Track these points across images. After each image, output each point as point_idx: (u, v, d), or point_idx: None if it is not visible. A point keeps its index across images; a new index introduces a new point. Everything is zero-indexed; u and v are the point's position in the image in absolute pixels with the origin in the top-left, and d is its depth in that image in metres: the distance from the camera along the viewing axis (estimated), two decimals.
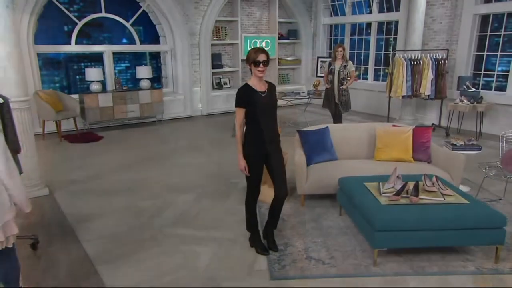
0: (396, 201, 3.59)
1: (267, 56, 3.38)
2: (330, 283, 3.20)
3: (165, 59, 10.44)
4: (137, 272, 3.40)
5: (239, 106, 3.50)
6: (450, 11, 8.66)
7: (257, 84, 3.47)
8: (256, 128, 3.52)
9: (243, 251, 3.74)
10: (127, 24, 9.64)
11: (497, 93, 8.32)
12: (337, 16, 11.54)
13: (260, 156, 3.58)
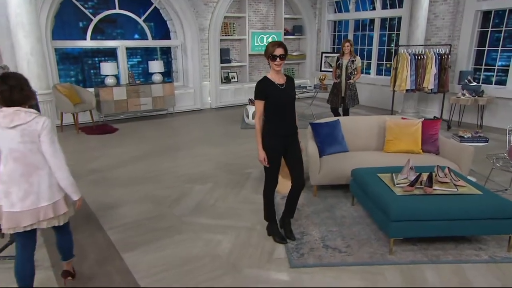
0: (410, 192, 3.52)
1: (284, 50, 3.28)
2: (348, 272, 3.15)
3: (175, 54, 10.30)
4: (161, 259, 3.35)
5: (258, 98, 3.41)
6: (452, 8, 8.50)
7: (275, 77, 3.38)
8: (274, 120, 3.44)
9: (261, 239, 3.68)
10: (140, 20, 9.51)
11: (498, 87, 8.19)
12: (341, 13, 11.37)
13: (278, 147, 3.50)
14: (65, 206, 2.71)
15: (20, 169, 2.49)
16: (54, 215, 2.63)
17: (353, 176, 4.20)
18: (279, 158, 3.56)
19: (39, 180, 2.54)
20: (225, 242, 3.63)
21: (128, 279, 3.08)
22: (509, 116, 7.85)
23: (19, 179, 2.49)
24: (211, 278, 3.08)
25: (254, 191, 4.80)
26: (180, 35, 9.92)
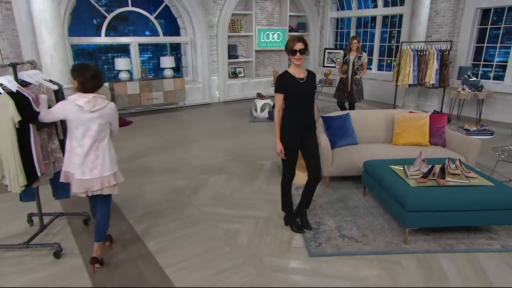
0: (423, 183, 3.44)
1: (304, 45, 3.18)
2: (365, 260, 3.08)
3: (185, 49, 10.16)
4: (184, 248, 3.29)
5: (278, 92, 3.33)
6: (453, 6, 8.34)
7: (296, 71, 3.28)
8: (293, 113, 3.35)
9: (278, 229, 3.61)
10: (151, 17, 9.35)
11: (496, 82, 8.07)
12: (344, 10, 11.19)
13: (296, 140, 3.41)
14: (121, 176, 3.06)
15: (91, 144, 2.83)
16: (115, 183, 2.98)
17: (366, 168, 4.12)
18: (296, 150, 3.46)
19: (103, 153, 2.88)
20: (244, 231, 3.56)
21: (154, 268, 3.02)
22: (507, 110, 7.77)
23: (90, 153, 2.83)
24: (233, 266, 3.02)
25: (268, 182, 4.73)
26: (190, 31, 9.77)
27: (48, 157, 3.21)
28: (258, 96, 8.42)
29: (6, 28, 7.08)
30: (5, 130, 2.79)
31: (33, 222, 3.71)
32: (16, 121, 2.74)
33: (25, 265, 3.06)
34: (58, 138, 3.30)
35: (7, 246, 3.24)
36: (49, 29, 4.30)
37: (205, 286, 2.79)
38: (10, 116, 2.73)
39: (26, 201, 3.40)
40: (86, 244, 3.35)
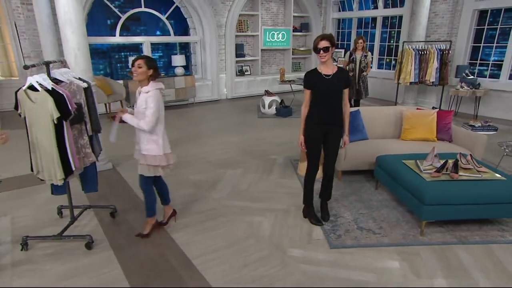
0: (437, 178, 3.38)
1: (329, 42, 3.07)
2: (385, 252, 3.02)
3: (194, 48, 10.03)
4: (209, 240, 3.22)
5: (305, 87, 3.29)
6: (452, 7, 8.23)
7: (323, 68, 3.20)
8: (317, 109, 3.28)
9: (297, 221, 3.55)
10: (163, 18, 9.21)
11: (492, 80, 8.00)
12: (345, 11, 11.05)
13: (319, 135, 3.33)
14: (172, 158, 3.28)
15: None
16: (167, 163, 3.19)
17: (379, 162, 4.05)
18: (319, 145, 3.39)
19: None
20: (265, 223, 3.49)
21: (182, 259, 2.95)
22: (502, 106, 7.71)
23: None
24: (260, 258, 2.95)
25: (282, 176, 4.66)
26: (199, 31, 9.64)
27: (78, 152, 3.13)
28: (266, 93, 8.32)
29: (27, 29, 6.97)
30: (44, 126, 2.72)
31: (62, 214, 3.64)
32: (55, 117, 2.66)
33: (59, 255, 3.00)
34: (87, 134, 3.22)
35: (41, 237, 3.16)
36: (73, 29, 4.18)
37: (233, 277, 2.73)
38: (49, 113, 2.65)
39: (58, 194, 3.33)
40: (115, 236, 3.29)
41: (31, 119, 2.80)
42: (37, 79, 2.69)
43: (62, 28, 4.20)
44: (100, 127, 3.40)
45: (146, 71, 2.92)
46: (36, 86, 2.67)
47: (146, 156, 3.06)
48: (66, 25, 4.18)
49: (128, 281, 2.69)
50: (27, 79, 2.76)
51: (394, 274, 2.73)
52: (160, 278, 2.73)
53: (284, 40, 10.75)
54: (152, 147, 3.06)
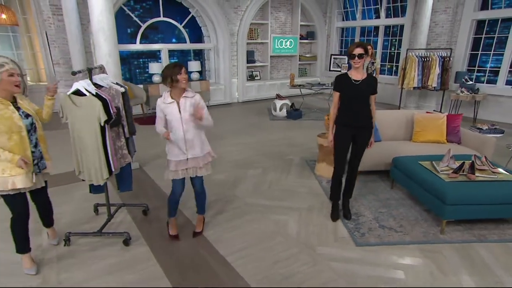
0: (455, 178, 3.30)
1: (363, 50, 3.03)
2: (408, 250, 2.94)
3: (208, 55, 9.95)
4: (239, 237, 3.14)
5: (335, 90, 3.25)
6: (451, 17, 8.13)
7: (354, 74, 3.15)
8: (345, 112, 3.24)
9: (321, 219, 3.47)
10: (180, 26, 9.14)
11: (489, 86, 7.90)
12: (349, 21, 10.96)
13: (346, 136, 3.29)
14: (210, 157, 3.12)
15: None
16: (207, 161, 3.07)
17: (395, 163, 3.97)
18: (346, 145, 3.33)
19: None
20: (291, 222, 3.42)
21: (216, 256, 2.87)
22: (499, 110, 7.62)
23: None
24: (290, 255, 2.87)
25: (301, 176, 4.58)
26: (213, 39, 9.56)
27: (116, 153, 3.06)
28: (277, 97, 8.24)
29: (57, 37, 6.91)
30: (89, 130, 2.66)
31: (98, 212, 3.57)
32: (103, 120, 2.60)
33: (98, 251, 2.93)
34: (125, 136, 3.15)
35: (83, 234, 3.10)
36: (105, 36, 4.12)
37: (267, 274, 2.66)
38: (97, 116, 2.59)
39: (96, 193, 3.26)
40: (149, 233, 3.23)
41: (75, 123, 2.73)
42: (82, 85, 2.63)
43: (95, 35, 4.14)
44: (135, 129, 3.34)
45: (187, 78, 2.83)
46: (83, 91, 2.61)
47: (206, 155, 3.00)
48: (99, 33, 4.11)
49: (167, 277, 2.62)
50: (73, 84, 2.69)
51: (420, 271, 2.65)
52: (198, 275, 2.66)
53: (291, 47, 10.67)
54: (206, 144, 3.02)
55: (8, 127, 2.32)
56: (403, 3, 9.33)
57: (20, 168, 2.39)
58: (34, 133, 2.54)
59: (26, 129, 2.44)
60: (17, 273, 2.66)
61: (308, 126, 7.25)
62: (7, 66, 2.36)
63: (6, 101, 2.37)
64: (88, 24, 7.40)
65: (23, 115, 2.45)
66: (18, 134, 2.38)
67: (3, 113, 2.32)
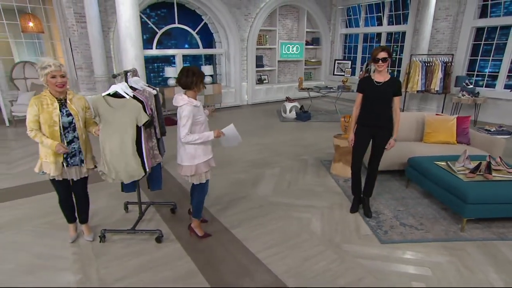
0: (472, 178, 3.22)
1: (387, 54, 2.97)
2: (431, 247, 2.86)
3: (219, 60, 9.87)
4: (266, 235, 3.06)
5: (358, 91, 3.22)
6: (452, 24, 8.05)
7: (376, 76, 3.10)
8: (366, 112, 3.19)
9: (342, 217, 3.39)
10: (194, 32, 9.06)
11: (488, 89, 7.82)
12: (352, 28, 10.88)
13: (366, 136, 3.24)
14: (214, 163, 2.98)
15: None
16: (209, 168, 2.92)
17: (411, 163, 3.89)
18: (364, 143, 3.28)
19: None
20: (314, 220, 3.34)
21: (247, 253, 2.80)
22: (497, 113, 7.54)
23: None
24: (317, 252, 2.80)
25: (317, 175, 4.50)
26: (224, 44, 9.48)
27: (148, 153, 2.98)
28: (287, 99, 8.16)
29: (80, 44, 6.85)
30: (124, 130, 2.58)
31: (128, 209, 3.50)
32: (143, 122, 2.53)
33: (132, 248, 2.86)
34: (156, 137, 3.08)
35: (117, 231, 3.03)
36: (132, 42, 4.06)
37: (298, 271, 2.58)
38: (135, 117, 2.52)
39: (127, 192, 3.19)
40: (179, 230, 3.15)
41: (107, 124, 2.65)
42: (121, 87, 2.55)
43: (122, 41, 4.08)
44: (165, 131, 3.27)
45: None
46: (122, 93, 2.53)
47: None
48: (126, 39, 4.05)
49: (202, 275, 2.54)
50: (111, 86, 2.62)
51: (447, 269, 2.58)
52: (232, 272, 2.58)
53: (298, 53, 10.59)
54: None
55: (45, 119, 2.46)
56: (404, 11, 9.25)
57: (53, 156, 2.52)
58: (72, 131, 2.59)
59: (62, 125, 2.52)
60: (60, 267, 2.59)
61: (317, 128, 7.17)
62: (49, 69, 2.41)
63: (52, 98, 2.51)
64: (109, 31, 7.34)
65: (64, 113, 2.53)
66: (51, 128, 2.50)
67: (46, 107, 2.47)
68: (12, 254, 2.75)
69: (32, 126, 2.46)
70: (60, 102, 2.53)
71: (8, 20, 7.22)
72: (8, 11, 7.26)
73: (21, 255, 2.74)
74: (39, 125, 2.48)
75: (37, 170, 2.61)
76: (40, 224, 3.22)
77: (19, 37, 7.54)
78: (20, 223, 3.24)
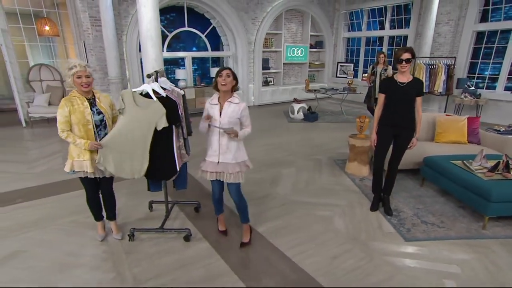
0: (491, 177, 3.17)
1: (410, 55, 2.90)
2: (456, 245, 2.81)
3: (227, 62, 9.78)
4: (292, 234, 2.99)
5: (380, 92, 3.14)
6: (453, 28, 8.02)
7: (399, 77, 3.03)
8: (389, 112, 3.12)
9: (364, 215, 3.33)
10: (203, 36, 8.98)
11: (488, 91, 7.79)
12: (354, 31, 10.83)
13: (388, 135, 3.18)
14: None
15: None
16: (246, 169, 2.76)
17: (426, 162, 3.84)
18: (387, 143, 3.23)
19: None
20: (337, 218, 3.27)
21: (275, 251, 2.73)
22: (498, 113, 7.50)
23: None
24: (345, 250, 2.73)
25: (332, 174, 4.43)
26: (232, 47, 9.41)
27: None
28: (295, 101, 8.09)
29: (95, 46, 6.76)
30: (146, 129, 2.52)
31: (152, 208, 3.42)
32: (162, 127, 2.47)
33: (161, 246, 2.78)
34: (183, 137, 3.00)
35: (146, 230, 2.95)
36: (153, 43, 3.99)
37: (328, 269, 2.51)
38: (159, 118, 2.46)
39: (154, 191, 3.10)
40: (205, 229, 3.07)
41: (129, 121, 2.55)
42: (153, 87, 2.48)
43: (143, 42, 4.01)
44: (191, 130, 3.19)
45: (232, 81, 2.51)
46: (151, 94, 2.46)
47: (236, 164, 2.58)
48: (147, 40, 3.97)
49: (235, 273, 2.47)
50: (143, 85, 2.55)
51: (476, 267, 2.52)
52: (264, 271, 2.51)
53: (302, 55, 10.53)
54: (242, 153, 2.62)
55: (78, 119, 2.41)
56: (406, 16, 9.21)
57: (89, 154, 2.47)
58: (104, 129, 2.56)
59: (95, 124, 2.48)
60: (92, 266, 2.51)
61: (324, 128, 7.11)
62: (75, 69, 2.39)
63: (82, 97, 2.46)
64: (122, 34, 7.25)
65: (95, 112, 2.49)
66: (85, 126, 2.44)
67: (77, 107, 2.40)
68: (44, 253, 2.68)
69: (64, 127, 2.40)
70: (89, 101, 2.48)
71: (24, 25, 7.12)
72: (23, 16, 7.16)
73: (53, 254, 2.66)
74: (70, 126, 2.43)
75: (67, 170, 2.54)
76: (66, 223, 3.14)
77: (33, 40, 7.44)
78: (47, 221, 3.16)
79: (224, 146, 2.54)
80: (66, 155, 2.65)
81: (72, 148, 2.49)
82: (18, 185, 3.97)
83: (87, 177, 2.57)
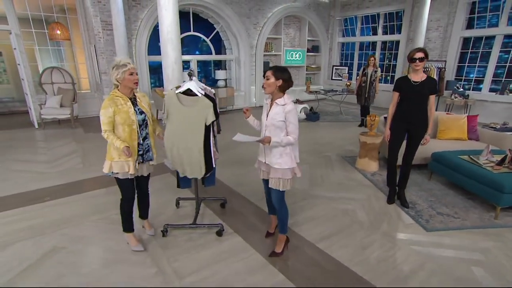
0: (499, 170, 3.22)
1: (423, 54, 2.90)
2: (474, 234, 2.83)
3: (230, 65, 9.71)
4: (319, 226, 2.96)
5: (394, 90, 3.15)
6: (442, 34, 8.16)
7: (413, 75, 3.04)
8: (402, 109, 3.13)
9: (382, 208, 3.32)
10: (207, 40, 8.87)
11: (474, 92, 7.96)
12: (349, 37, 10.90)
13: (401, 131, 3.19)
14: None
15: None
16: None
17: (435, 157, 3.87)
18: (400, 139, 3.24)
19: None
20: (358, 211, 3.26)
21: (307, 243, 2.69)
22: (484, 113, 7.64)
23: None
24: (372, 241, 2.72)
25: (344, 170, 4.43)
26: (235, 51, 9.33)
27: None
28: (297, 101, 8.08)
29: (106, 50, 6.59)
30: (195, 127, 2.47)
31: (179, 205, 3.34)
32: (211, 121, 2.40)
33: (196, 241, 2.71)
34: (214, 135, 2.94)
35: (179, 225, 2.87)
36: (173, 46, 3.89)
37: (360, 259, 2.49)
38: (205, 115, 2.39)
39: (184, 188, 3.04)
40: (234, 224, 3.01)
41: (177, 121, 2.51)
42: (193, 85, 2.41)
43: (163, 45, 3.91)
44: (220, 129, 3.13)
45: (274, 82, 2.29)
46: (195, 91, 2.40)
47: (278, 170, 2.34)
48: (167, 43, 3.88)
49: (273, 266, 2.42)
50: (184, 84, 2.48)
51: (496, 253, 2.55)
52: (298, 261, 2.47)
53: (300, 59, 10.54)
54: (286, 160, 2.33)
55: (124, 119, 2.29)
56: (398, 22, 9.33)
57: (134, 153, 2.36)
58: (145, 128, 2.45)
59: (138, 123, 2.37)
60: (134, 261, 2.42)
61: (327, 127, 7.12)
62: (129, 66, 2.28)
63: (125, 97, 2.34)
64: (132, 38, 7.08)
65: (138, 111, 2.38)
66: (130, 126, 2.33)
67: (121, 107, 2.29)
68: (84, 249, 2.57)
69: (107, 128, 2.27)
70: (131, 101, 2.36)
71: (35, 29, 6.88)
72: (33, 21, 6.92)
73: (94, 249, 2.56)
74: (113, 126, 2.30)
75: (106, 171, 2.37)
76: (99, 220, 3.03)
77: (43, 44, 7.20)
78: (79, 219, 3.04)
79: (268, 148, 2.38)
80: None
81: (112, 149, 2.35)
82: (43, 184, 3.81)
83: (127, 178, 2.41)
